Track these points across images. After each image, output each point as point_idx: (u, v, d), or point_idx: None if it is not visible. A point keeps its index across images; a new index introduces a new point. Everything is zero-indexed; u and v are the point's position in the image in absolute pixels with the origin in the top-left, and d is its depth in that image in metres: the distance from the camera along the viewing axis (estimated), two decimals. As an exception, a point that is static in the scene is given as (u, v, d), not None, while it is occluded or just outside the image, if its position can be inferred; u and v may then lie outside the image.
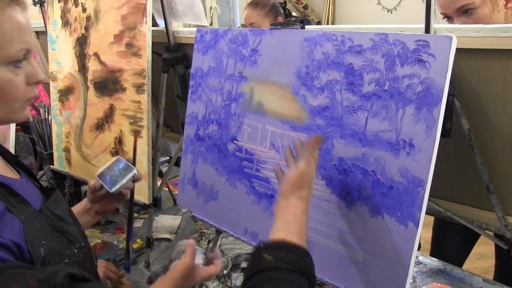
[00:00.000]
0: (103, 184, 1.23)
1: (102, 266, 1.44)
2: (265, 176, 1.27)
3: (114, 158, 1.29)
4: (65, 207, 1.04)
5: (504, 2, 1.38)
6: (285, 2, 2.60)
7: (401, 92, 0.98)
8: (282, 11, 2.44)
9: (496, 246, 1.74)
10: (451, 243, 1.93)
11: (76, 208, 1.26)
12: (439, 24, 1.05)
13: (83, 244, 1.00)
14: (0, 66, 0.85)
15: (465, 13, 1.37)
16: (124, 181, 1.22)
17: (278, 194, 0.96)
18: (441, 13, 1.45)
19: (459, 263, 1.92)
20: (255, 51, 1.27)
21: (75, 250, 0.97)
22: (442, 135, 0.93)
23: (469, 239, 1.91)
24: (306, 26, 1.20)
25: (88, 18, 1.82)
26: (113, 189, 1.21)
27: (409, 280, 0.97)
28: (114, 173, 1.24)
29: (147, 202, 1.66)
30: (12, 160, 1.04)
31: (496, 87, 1.05)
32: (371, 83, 1.03)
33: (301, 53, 1.17)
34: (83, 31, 1.84)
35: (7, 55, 0.85)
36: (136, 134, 1.60)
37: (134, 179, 1.26)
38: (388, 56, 1.00)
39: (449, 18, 1.45)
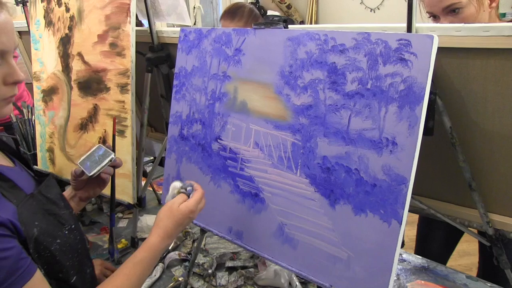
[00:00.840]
0: (83, 170, 1.26)
1: (98, 264, 1.46)
2: (249, 175, 1.27)
3: (95, 146, 1.31)
4: (57, 191, 1.11)
5: (489, 1, 1.39)
6: (257, 1, 2.50)
7: (383, 91, 0.98)
8: (258, 13, 2.34)
9: (480, 243, 1.76)
10: (435, 240, 1.95)
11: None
12: (421, 23, 1.06)
13: (73, 226, 1.07)
14: None
15: (451, 12, 1.39)
16: (102, 165, 1.25)
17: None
18: (427, 12, 1.46)
19: (444, 260, 1.94)
20: (239, 50, 1.27)
21: (66, 232, 1.04)
22: (424, 133, 0.94)
23: (453, 236, 1.93)
24: (289, 26, 1.20)
25: (71, 18, 1.80)
26: (91, 173, 1.24)
27: (393, 277, 0.97)
28: (94, 159, 1.27)
29: (131, 202, 1.65)
30: (8, 150, 1.11)
31: (477, 85, 1.07)
32: (354, 82, 1.04)
33: (285, 52, 1.17)
34: (67, 31, 1.83)
35: None
36: (114, 120, 1.60)
37: (113, 164, 1.29)
38: (370, 55, 1.00)
39: (435, 17, 1.46)
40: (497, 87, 1.05)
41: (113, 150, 1.32)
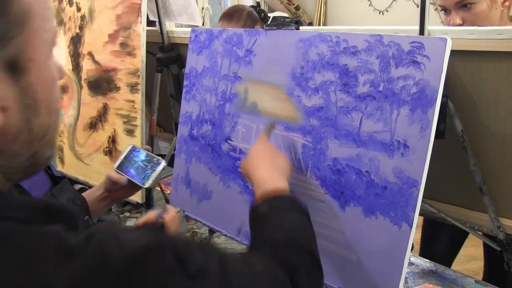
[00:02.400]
0: (130, 179, 1.22)
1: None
2: (259, 176, 1.27)
3: (129, 147, 1.27)
4: (69, 196, 1.07)
5: (502, 0, 1.38)
6: (258, 4, 2.52)
7: (395, 93, 0.98)
8: (258, 17, 2.29)
9: (485, 246, 1.76)
10: (440, 242, 1.93)
11: (91, 195, 1.23)
12: (433, 26, 1.05)
13: None
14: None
15: (463, 7, 1.38)
16: (156, 174, 1.22)
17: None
18: (440, 5, 1.45)
19: (449, 262, 1.92)
20: (250, 51, 1.28)
21: None
22: (435, 136, 0.94)
23: (458, 238, 1.92)
24: (300, 27, 1.20)
25: (82, 17, 1.81)
26: (147, 185, 1.21)
27: (402, 280, 0.97)
28: (137, 165, 1.23)
29: (140, 201, 1.65)
30: None
31: (489, 89, 1.06)
32: (365, 84, 1.04)
33: (296, 53, 1.17)
34: (78, 30, 1.84)
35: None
36: (153, 120, 1.58)
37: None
38: (382, 57, 1.00)
39: (446, 11, 1.46)
40: (509, 91, 1.04)
41: (152, 152, 1.29)
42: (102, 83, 1.75)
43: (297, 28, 1.19)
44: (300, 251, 0.79)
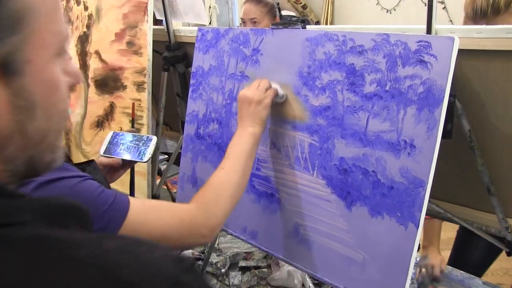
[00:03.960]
0: (125, 159, 1.25)
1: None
2: (265, 175, 1.27)
3: (110, 133, 1.30)
4: (101, 174, 1.13)
5: None
6: (278, 3, 2.64)
7: (402, 93, 0.98)
8: (278, 12, 2.51)
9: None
10: (477, 249, 1.80)
11: None
12: (441, 25, 1.05)
13: None
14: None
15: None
16: (151, 149, 1.24)
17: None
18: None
19: (480, 273, 1.80)
20: (257, 50, 1.27)
21: None
22: (443, 136, 0.93)
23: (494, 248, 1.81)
24: (307, 26, 1.20)
25: (89, 16, 1.82)
26: (145, 159, 1.24)
27: (409, 280, 0.97)
28: (127, 146, 1.26)
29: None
30: None
31: (497, 88, 1.05)
32: (372, 83, 1.03)
33: (303, 53, 1.17)
34: (85, 29, 1.85)
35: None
36: (133, 105, 1.59)
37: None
38: (389, 56, 1.00)
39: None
40: (518, 91, 1.03)
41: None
42: (109, 82, 1.76)
43: (304, 27, 1.19)
44: None
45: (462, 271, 1.52)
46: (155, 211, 0.94)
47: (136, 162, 1.27)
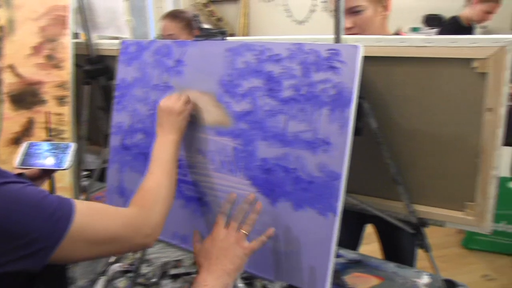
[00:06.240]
0: (44, 168, 1.21)
1: None
2: (192, 180, 1.32)
3: (24, 144, 1.25)
4: None
5: (382, 9, 1.55)
6: (198, 16, 2.69)
7: (316, 96, 1.08)
8: (197, 24, 2.55)
9: (377, 231, 1.91)
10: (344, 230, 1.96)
11: None
12: (347, 35, 1.17)
13: None
14: None
15: (355, 13, 1.52)
16: (70, 156, 1.21)
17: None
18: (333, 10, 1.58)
19: (354, 247, 1.98)
20: (180, 61, 1.33)
21: None
22: (354, 134, 1.05)
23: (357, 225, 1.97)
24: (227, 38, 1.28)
25: (1, 28, 1.78)
26: (65, 166, 1.21)
27: (332, 266, 1.06)
28: (45, 155, 1.22)
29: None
30: None
31: (398, 90, 1.20)
32: (289, 88, 1.13)
33: (224, 62, 1.24)
34: (-3, 43, 1.80)
35: None
36: (48, 113, 1.57)
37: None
38: (304, 63, 1.10)
39: None
40: (414, 91, 1.18)
41: None
42: (26, 97, 1.73)
43: (224, 39, 1.27)
44: None
45: (377, 258, 1.65)
46: (100, 213, 0.96)
47: (56, 170, 1.24)
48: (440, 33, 3.75)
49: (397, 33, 1.55)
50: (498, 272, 3.00)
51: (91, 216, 0.93)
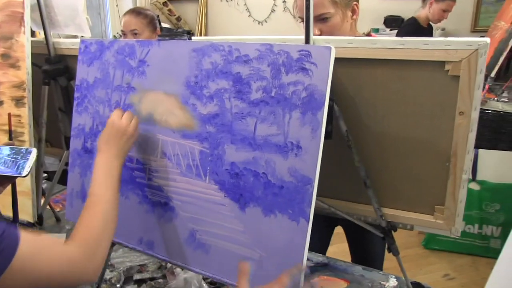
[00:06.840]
0: (3, 174, 1.17)
1: None
2: (157, 184, 1.28)
3: None
4: None
5: (351, 14, 1.54)
6: (158, 16, 2.69)
7: (287, 98, 1.05)
8: (159, 24, 2.56)
9: (346, 234, 1.92)
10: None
11: None
12: (316, 36, 1.15)
13: None
14: None
15: (321, 20, 1.51)
16: (30, 163, 1.18)
17: None
18: (299, 17, 1.57)
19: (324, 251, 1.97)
20: (143, 62, 1.29)
21: None
22: (324, 137, 1.02)
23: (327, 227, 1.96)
24: (192, 38, 1.24)
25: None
26: (24, 173, 1.16)
27: (303, 272, 1.04)
28: (4, 160, 1.18)
29: (31, 220, 1.58)
30: None
31: (368, 92, 1.18)
32: (258, 90, 1.10)
33: (190, 63, 1.20)
34: None
35: None
36: (10, 115, 1.50)
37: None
38: (273, 65, 1.07)
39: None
40: (384, 93, 1.17)
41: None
42: (-20, 98, 1.64)
43: (190, 38, 1.23)
44: None
45: (345, 261, 1.64)
46: (46, 250, 0.92)
47: (15, 177, 1.20)
48: (398, 34, 3.82)
49: (367, 35, 1.55)
50: (458, 272, 3.07)
51: (35, 255, 0.89)
